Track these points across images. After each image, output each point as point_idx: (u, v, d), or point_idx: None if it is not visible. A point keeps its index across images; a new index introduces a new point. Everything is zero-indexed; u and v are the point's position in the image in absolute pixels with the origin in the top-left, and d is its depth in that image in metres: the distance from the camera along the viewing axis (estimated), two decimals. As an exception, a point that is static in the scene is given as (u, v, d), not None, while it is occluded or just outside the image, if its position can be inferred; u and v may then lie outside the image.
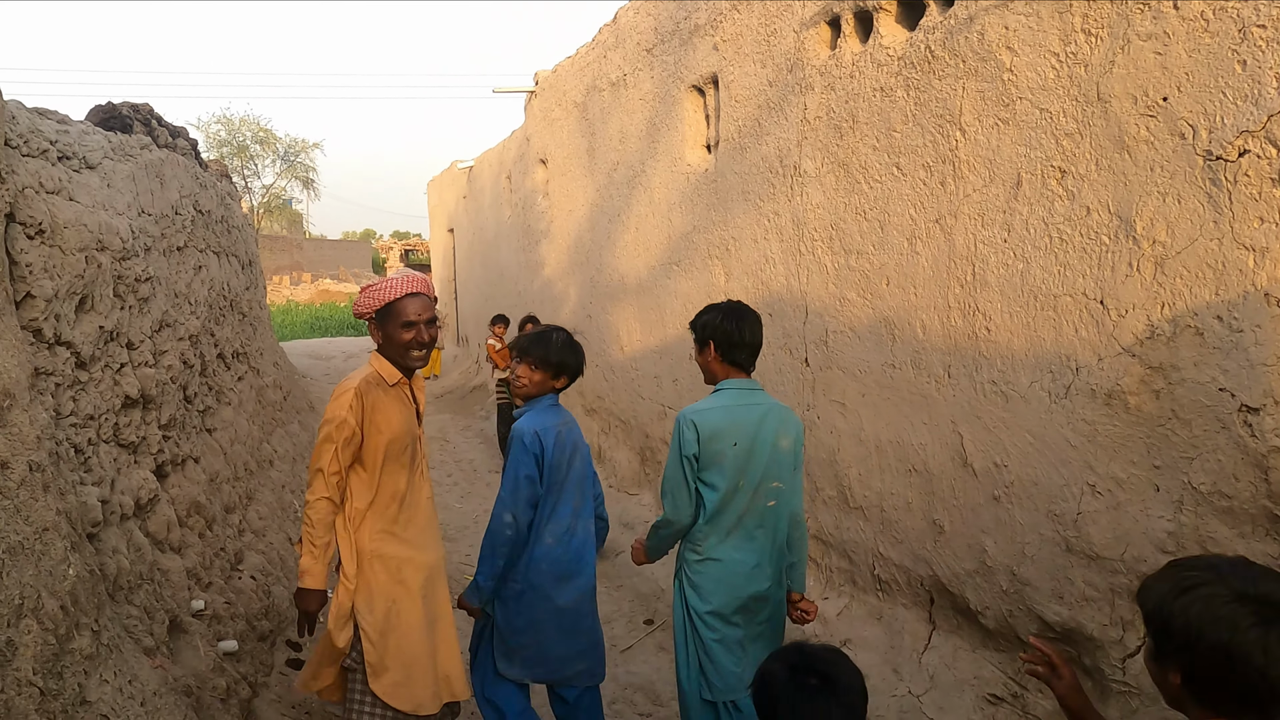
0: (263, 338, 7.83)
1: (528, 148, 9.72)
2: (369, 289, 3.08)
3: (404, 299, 3.01)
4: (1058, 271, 3.04)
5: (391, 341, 3.03)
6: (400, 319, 3.00)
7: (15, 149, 2.69)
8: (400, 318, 3.00)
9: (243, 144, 37.59)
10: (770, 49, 4.69)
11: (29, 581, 2.10)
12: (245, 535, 4.66)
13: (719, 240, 5.36)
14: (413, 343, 3.02)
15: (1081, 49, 2.91)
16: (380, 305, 3.02)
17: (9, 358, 2.37)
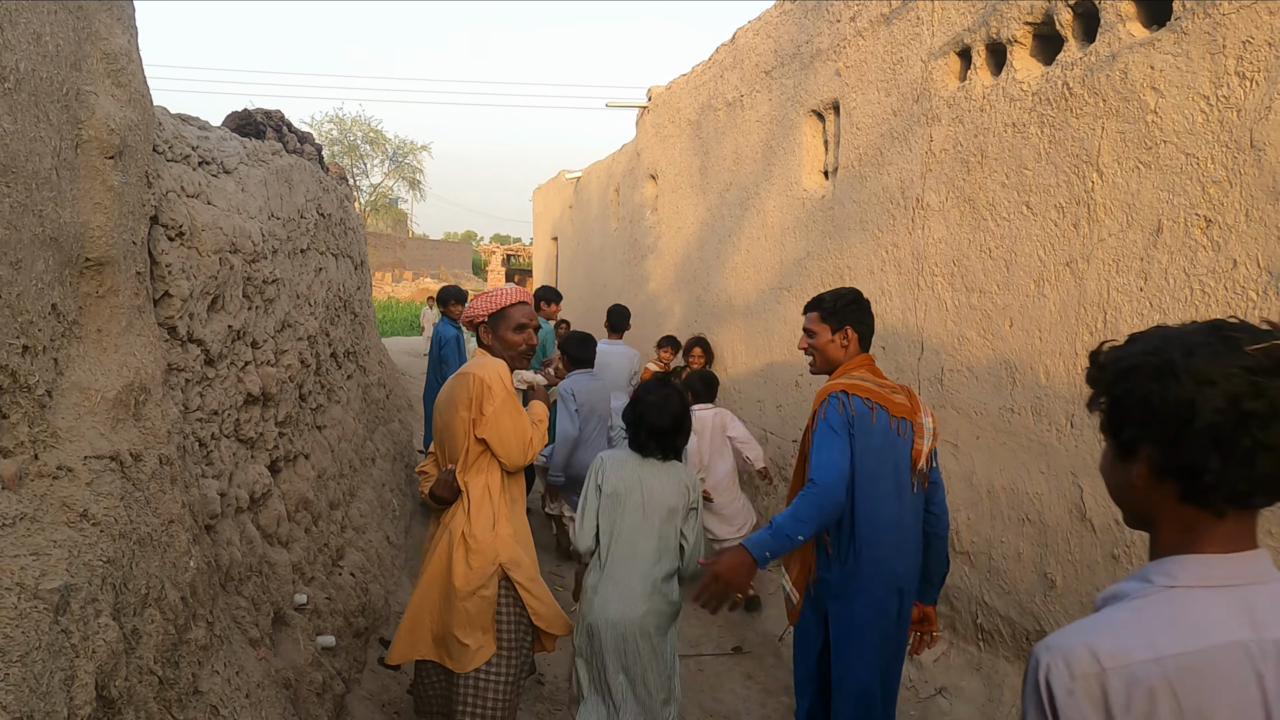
0: (369, 336, 8.04)
1: (638, 162, 9.78)
2: (483, 297, 3.43)
3: (515, 305, 3.38)
4: (1197, 325, 2.89)
5: (504, 343, 3.36)
6: (513, 323, 3.37)
7: (161, 154, 2.81)
8: (513, 321, 3.37)
9: (353, 143, 38.90)
10: (895, 77, 4.60)
11: (155, 572, 2.18)
12: (347, 532, 4.78)
13: (833, 268, 5.28)
14: (524, 343, 3.39)
15: (1234, 93, 2.77)
16: (495, 310, 3.36)
17: (146, 354, 2.47)
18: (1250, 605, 1.17)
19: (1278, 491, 1.18)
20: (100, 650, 1.77)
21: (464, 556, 3.20)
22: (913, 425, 2.94)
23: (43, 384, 1.95)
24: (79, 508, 1.91)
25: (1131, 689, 1.13)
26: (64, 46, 2.02)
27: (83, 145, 2.15)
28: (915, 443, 2.93)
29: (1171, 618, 1.17)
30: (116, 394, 2.23)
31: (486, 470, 3.27)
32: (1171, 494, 1.22)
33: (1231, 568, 1.20)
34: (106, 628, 1.82)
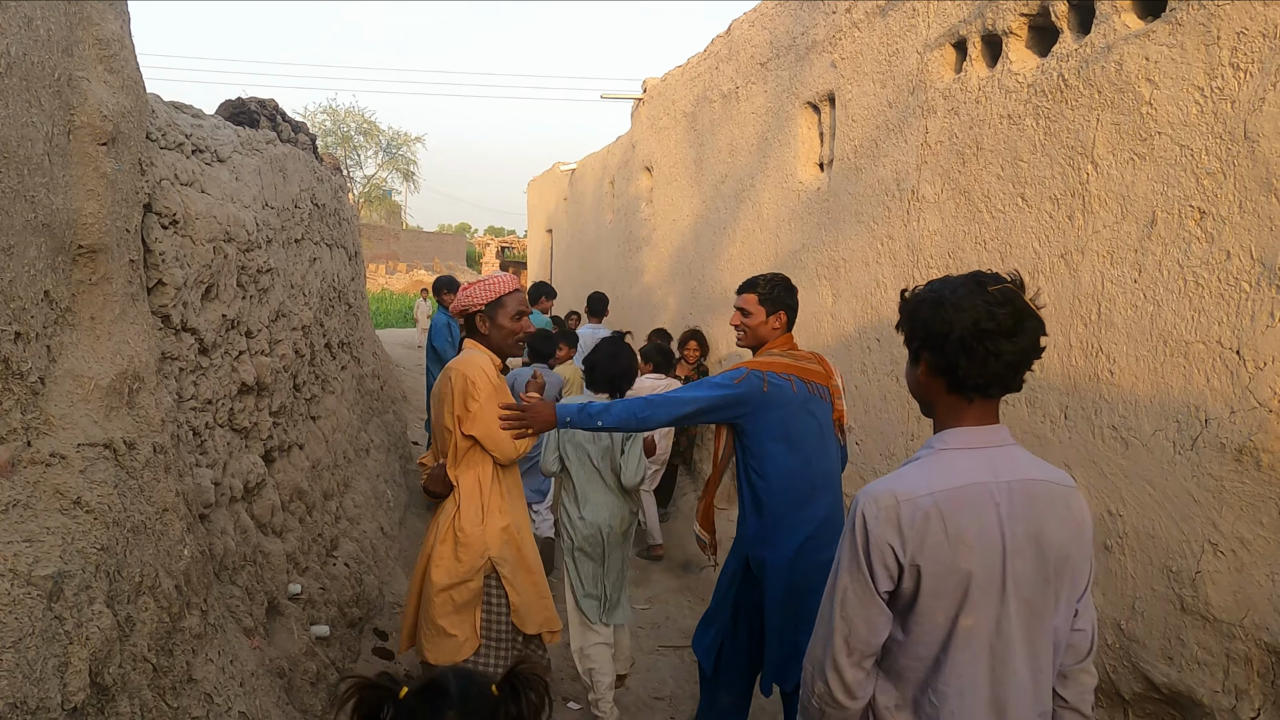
0: (364, 327, 8.03)
1: (633, 154, 9.76)
2: (478, 285, 3.43)
3: (511, 294, 3.41)
4: (1191, 317, 2.89)
5: (502, 331, 3.39)
6: (511, 310, 3.39)
7: (154, 142, 2.80)
8: (510, 309, 3.39)
9: (347, 134, 38.80)
10: (891, 69, 4.60)
11: (149, 560, 2.17)
12: (341, 522, 4.77)
13: (828, 260, 5.28)
14: (520, 331, 3.43)
15: (1229, 84, 2.77)
16: (493, 299, 3.37)
17: (139, 342, 2.46)
18: (991, 459, 1.75)
19: (1006, 386, 1.76)
20: (94, 637, 1.77)
21: (452, 550, 3.25)
22: (829, 389, 3.29)
23: (35, 371, 1.95)
24: (72, 495, 1.91)
25: (915, 513, 1.69)
26: (55, 31, 2.01)
27: (75, 131, 2.14)
28: (835, 404, 3.30)
29: (941, 468, 1.74)
30: (110, 382, 2.22)
31: (478, 464, 3.32)
32: (941, 387, 1.80)
33: (979, 436, 1.77)
34: (100, 615, 1.82)
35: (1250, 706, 2.68)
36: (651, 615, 5.60)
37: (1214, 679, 2.80)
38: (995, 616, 1.71)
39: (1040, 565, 1.72)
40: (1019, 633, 1.72)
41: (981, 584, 1.70)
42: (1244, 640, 2.71)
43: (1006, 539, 1.71)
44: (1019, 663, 1.72)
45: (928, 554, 1.68)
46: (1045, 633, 1.75)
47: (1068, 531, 1.76)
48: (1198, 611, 2.86)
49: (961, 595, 1.70)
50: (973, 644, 1.71)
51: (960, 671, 1.72)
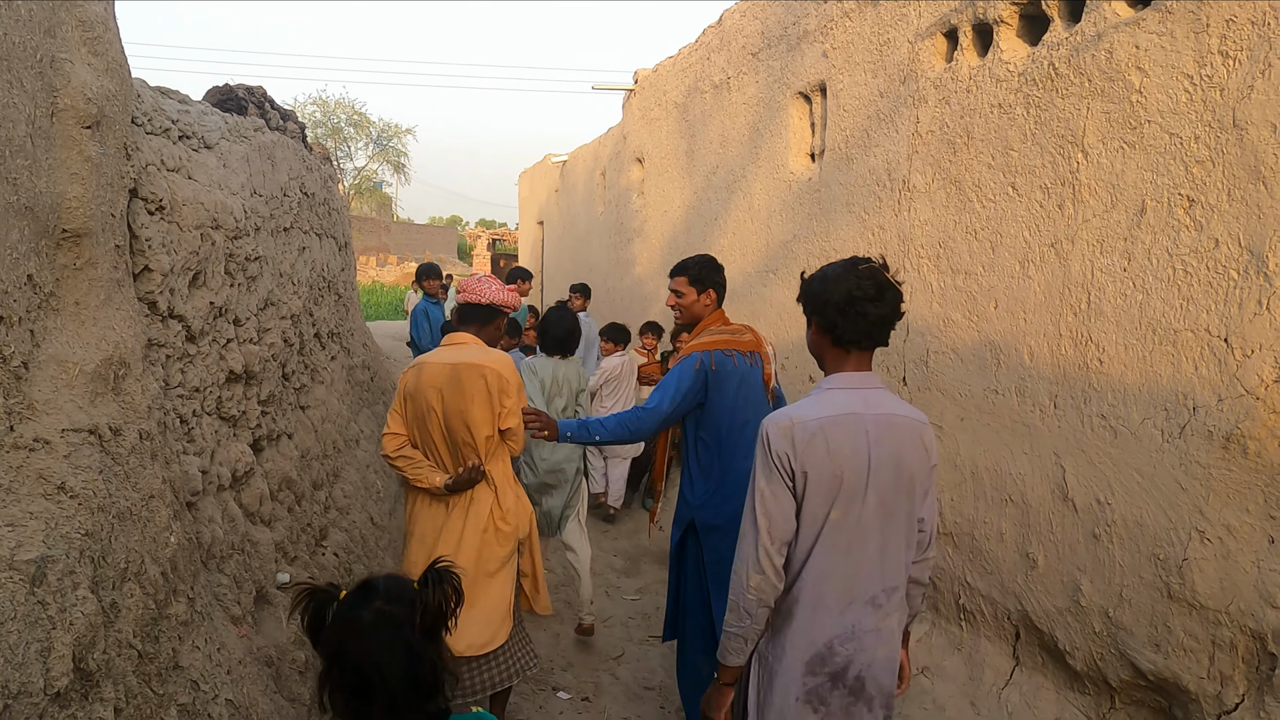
0: (354, 318, 8.00)
1: (624, 145, 9.74)
2: (511, 292, 3.66)
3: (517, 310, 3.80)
4: (1180, 305, 2.90)
5: (495, 338, 3.64)
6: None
7: (140, 126, 2.78)
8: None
9: (337, 126, 38.63)
10: (882, 58, 4.59)
11: (134, 547, 2.16)
12: (330, 512, 4.76)
13: (819, 251, 5.28)
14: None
15: (1218, 72, 2.77)
16: (517, 308, 3.74)
17: (125, 328, 2.44)
18: (864, 397, 2.24)
19: (875, 340, 2.25)
20: (78, 622, 1.76)
21: (495, 537, 3.48)
22: (760, 354, 3.62)
23: (18, 355, 1.93)
24: (56, 480, 1.90)
25: (804, 432, 2.16)
26: (38, 11, 1.99)
27: (58, 114, 2.12)
28: (765, 368, 3.62)
29: (826, 401, 2.22)
30: (95, 367, 2.21)
31: (502, 455, 3.53)
32: (827, 342, 2.28)
33: (856, 379, 2.26)
34: (84, 600, 1.81)
35: (1235, 692, 2.70)
36: (642, 605, 5.60)
37: (1200, 665, 2.82)
38: (857, 512, 2.22)
39: (895, 478, 2.24)
40: (873, 525, 2.24)
41: (849, 487, 2.20)
42: (1229, 627, 2.72)
43: (871, 456, 2.21)
44: (871, 548, 2.24)
45: (812, 462, 2.18)
46: (894, 528, 2.27)
47: (917, 455, 2.29)
48: (1184, 599, 2.87)
49: (834, 494, 2.20)
50: (837, 532, 2.22)
51: (825, 553, 2.23)
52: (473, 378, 3.34)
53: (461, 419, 3.35)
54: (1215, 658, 2.78)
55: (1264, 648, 2.62)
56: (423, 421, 3.41)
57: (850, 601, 2.27)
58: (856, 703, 2.31)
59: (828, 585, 2.25)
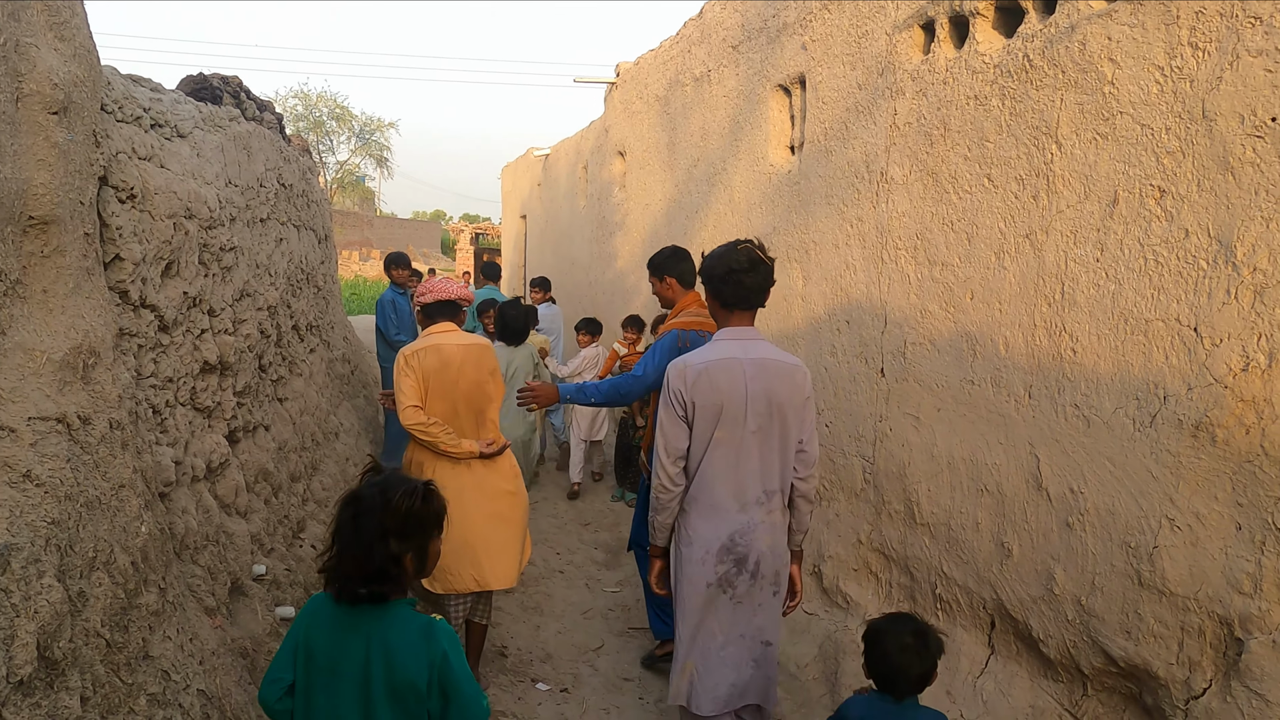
0: (334, 311, 7.96)
1: (606, 139, 9.73)
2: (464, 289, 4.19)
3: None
4: (1151, 295, 2.92)
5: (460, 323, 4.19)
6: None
7: (110, 114, 2.76)
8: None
9: (319, 119, 38.42)
10: (861, 51, 4.60)
11: (103, 536, 2.15)
12: (308, 505, 4.75)
13: (799, 243, 5.29)
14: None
15: (1188, 63, 2.79)
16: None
17: (95, 317, 2.43)
18: (744, 346, 2.92)
19: (750, 304, 3.02)
20: (43, 611, 1.75)
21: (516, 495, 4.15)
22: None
23: (-17, 342, 1.91)
24: (22, 468, 1.88)
25: (693, 372, 2.86)
26: (3, -4, 1.97)
27: (24, 99, 2.10)
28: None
29: (713, 348, 2.93)
30: (63, 356, 2.19)
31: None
32: (718, 305, 3.03)
33: (738, 333, 2.98)
34: (50, 588, 1.80)
35: (1203, 678, 2.73)
36: (622, 598, 5.61)
37: (1169, 651, 2.84)
38: (739, 434, 2.94)
39: (768, 407, 2.95)
40: (753, 443, 2.96)
41: (729, 413, 2.92)
42: (1198, 613, 2.75)
43: (748, 390, 2.92)
44: (754, 460, 2.98)
45: (699, 395, 2.91)
46: (770, 445, 2.98)
47: (788, 390, 2.98)
48: (1154, 586, 2.90)
49: (717, 418, 2.93)
50: (722, 448, 2.97)
51: (715, 464, 2.98)
52: (484, 356, 4.03)
53: (480, 389, 4.01)
54: (1184, 644, 2.81)
55: (1231, 633, 2.65)
56: (450, 394, 3.90)
57: (744, 504, 3.01)
58: (755, 583, 3.07)
59: (721, 489, 3.00)
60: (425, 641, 1.99)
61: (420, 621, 2.02)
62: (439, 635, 2.01)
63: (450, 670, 1.98)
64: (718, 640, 3.07)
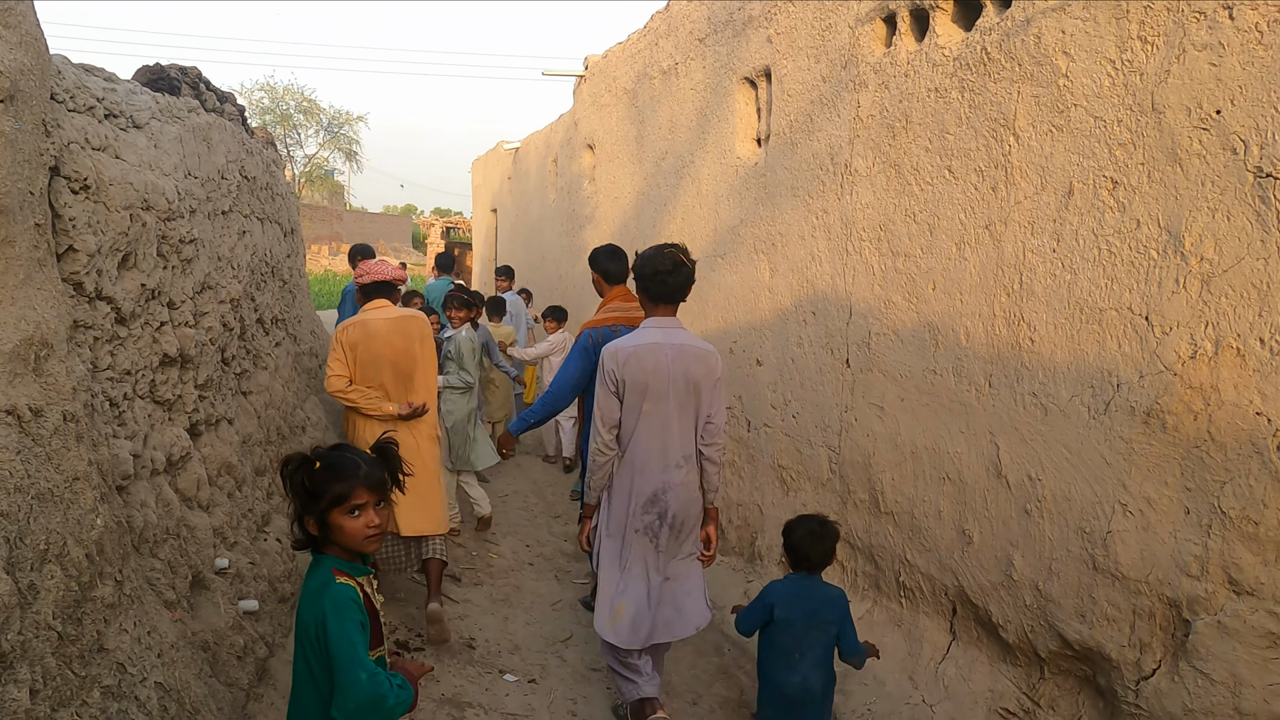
0: (301, 305, 7.90)
1: (575, 132, 9.72)
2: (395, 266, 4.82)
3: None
4: (1105, 284, 2.97)
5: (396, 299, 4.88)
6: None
7: (61, 104, 2.72)
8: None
9: (286, 113, 38.02)
10: (824, 44, 4.63)
11: (55, 528, 2.13)
12: (274, 498, 4.72)
13: (765, 235, 5.32)
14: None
15: (1137, 57, 2.84)
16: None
17: (48, 308, 2.40)
18: (667, 334, 3.47)
19: (673, 299, 3.55)
20: (-9, 602, 1.74)
21: (435, 444, 4.79)
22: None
23: (-70, 333, 1.89)
24: (-30, 459, 1.86)
25: (624, 354, 3.42)
26: (-53, -17, 1.95)
27: (-29, 88, 2.07)
28: None
29: (641, 335, 3.48)
30: (13, 348, 2.17)
31: (432, 384, 4.74)
32: (646, 299, 3.57)
33: (662, 323, 3.52)
34: (-2, 580, 1.78)
35: (1153, 658, 2.78)
36: (590, 589, 5.62)
37: (1121, 634, 2.90)
38: (664, 408, 3.50)
39: (685, 385, 3.50)
40: (674, 415, 3.52)
41: (654, 390, 3.48)
42: (1149, 596, 2.80)
43: (670, 371, 3.48)
44: (674, 430, 3.53)
45: (628, 373, 3.46)
46: (687, 417, 3.55)
47: (701, 371, 3.52)
48: (1108, 570, 2.95)
49: (644, 394, 3.48)
50: (650, 419, 3.51)
51: (644, 432, 3.53)
52: (410, 327, 4.56)
53: (408, 355, 4.54)
54: (1135, 626, 2.87)
55: (1179, 615, 2.70)
56: (376, 363, 4.48)
57: (665, 466, 3.55)
58: (674, 533, 3.63)
59: (648, 453, 3.54)
60: (317, 597, 2.07)
61: (322, 579, 2.10)
62: (327, 596, 2.05)
63: (326, 632, 2.00)
64: (645, 584, 3.63)
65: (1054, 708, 3.22)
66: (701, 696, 4.35)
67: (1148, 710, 2.78)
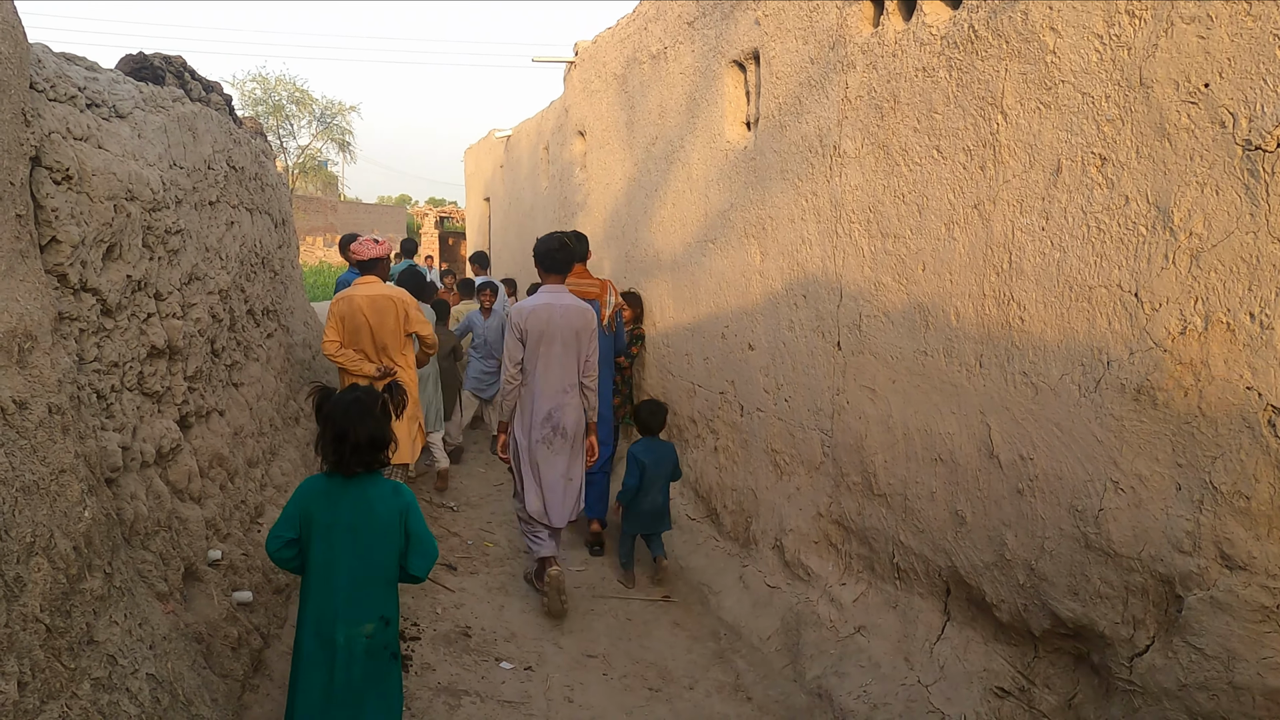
0: (294, 296, 7.88)
1: (566, 119, 9.67)
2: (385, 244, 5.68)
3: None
4: (1094, 262, 2.96)
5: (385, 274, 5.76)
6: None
7: (41, 93, 2.70)
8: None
9: (278, 104, 37.79)
10: (812, 25, 4.60)
11: (42, 521, 2.12)
12: (267, 490, 4.71)
13: (755, 219, 5.30)
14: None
15: (1125, 31, 2.82)
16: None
17: (31, 300, 2.39)
18: (556, 296, 4.98)
19: (560, 271, 5.07)
20: (-24, 595, 1.73)
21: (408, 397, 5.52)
22: (599, 301, 5.96)
23: (-91, 325, 1.88)
24: (-48, 452, 1.85)
25: (526, 311, 4.90)
26: (-81, -29, 1.92)
27: (-52, 78, 2.05)
28: (603, 311, 6.00)
29: (538, 299, 4.97)
30: (-4, 339, 2.15)
31: (409, 349, 5.64)
32: (540, 271, 5.12)
33: (552, 289, 5.03)
34: (-17, 573, 1.77)
35: (1146, 635, 2.79)
36: (586, 576, 5.62)
37: (1114, 611, 2.90)
38: (554, 349, 4.87)
39: (569, 334, 4.87)
40: (560, 355, 4.89)
41: (547, 336, 4.84)
42: (1141, 573, 2.80)
43: (558, 324, 4.85)
44: (562, 365, 4.91)
45: (530, 325, 4.84)
46: (570, 357, 4.92)
47: (580, 323, 4.91)
48: (1100, 547, 2.95)
49: (540, 339, 4.84)
50: (544, 358, 4.87)
51: (541, 367, 4.88)
52: (386, 304, 5.39)
53: (383, 328, 5.39)
54: (1129, 603, 2.87)
55: (1171, 591, 2.70)
56: (357, 332, 5.36)
57: (555, 391, 4.97)
58: (565, 441, 5.02)
59: (544, 382, 4.94)
60: (395, 496, 2.96)
61: (391, 484, 3.01)
62: (404, 492, 3.00)
63: (412, 517, 2.97)
64: (549, 478, 5.01)
65: (1049, 685, 3.23)
66: (698, 681, 4.36)
67: (1142, 686, 2.78)
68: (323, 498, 2.89)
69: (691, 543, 5.95)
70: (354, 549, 2.86)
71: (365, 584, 2.88)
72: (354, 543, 2.86)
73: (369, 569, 2.88)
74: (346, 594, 2.84)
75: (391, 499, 2.92)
